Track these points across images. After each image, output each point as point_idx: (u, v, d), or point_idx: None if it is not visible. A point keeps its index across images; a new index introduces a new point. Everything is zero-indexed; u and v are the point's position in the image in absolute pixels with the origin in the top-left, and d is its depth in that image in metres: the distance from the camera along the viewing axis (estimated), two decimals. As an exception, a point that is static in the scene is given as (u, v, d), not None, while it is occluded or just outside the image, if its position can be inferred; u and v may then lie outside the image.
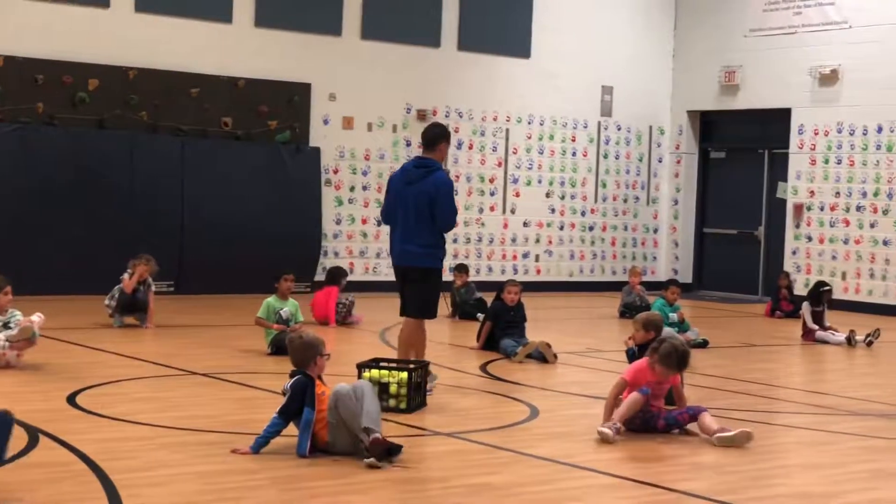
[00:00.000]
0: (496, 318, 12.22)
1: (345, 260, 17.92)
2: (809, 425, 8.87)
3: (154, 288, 13.16)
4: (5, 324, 9.91)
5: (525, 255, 20.18)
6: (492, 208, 19.79)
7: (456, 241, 18.89)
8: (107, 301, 12.90)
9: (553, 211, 20.47)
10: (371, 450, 6.76)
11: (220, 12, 17.21)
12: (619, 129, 21.16)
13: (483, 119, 19.66)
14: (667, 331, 11.46)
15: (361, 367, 8.58)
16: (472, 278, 16.45)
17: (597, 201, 20.97)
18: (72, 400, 8.51)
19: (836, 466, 7.49)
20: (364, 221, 18.49)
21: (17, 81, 15.69)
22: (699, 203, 21.69)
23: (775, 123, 20.01)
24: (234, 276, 16.45)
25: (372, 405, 6.96)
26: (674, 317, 13.56)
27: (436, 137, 9.44)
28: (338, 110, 18.24)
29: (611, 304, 17.21)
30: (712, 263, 21.56)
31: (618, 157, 21.22)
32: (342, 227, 18.36)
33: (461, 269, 15.68)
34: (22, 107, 15.74)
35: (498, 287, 12.92)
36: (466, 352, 12.12)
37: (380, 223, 18.34)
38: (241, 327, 12.99)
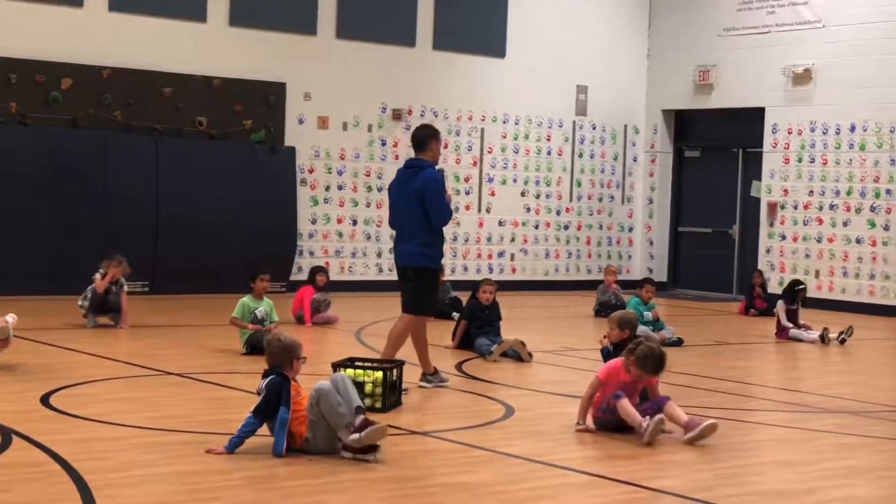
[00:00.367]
0: (471, 317, 12.26)
1: (320, 259, 17.89)
2: (783, 423, 8.91)
3: (127, 288, 13.13)
4: (-22, 325, 9.86)
5: (500, 254, 20.20)
6: (467, 207, 19.79)
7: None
8: (80, 301, 12.86)
9: (528, 210, 20.48)
10: (360, 428, 6.86)
11: (195, 11, 17.14)
12: (594, 128, 21.20)
13: (458, 118, 19.66)
14: (642, 329, 11.54)
15: (337, 366, 8.59)
16: (448, 277, 16.45)
17: (572, 200, 21.00)
18: (45, 400, 8.47)
19: (809, 464, 7.53)
20: (340, 221, 18.45)
21: (-11, 81, 15.63)
22: (674, 202, 21.75)
23: (749, 122, 20.09)
24: (210, 275, 16.41)
25: (353, 391, 7.20)
26: (648, 315, 13.62)
27: (424, 138, 9.59)
28: (313, 110, 18.21)
29: (586, 303, 17.24)
30: (687, 262, 21.63)
31: (593, 156, 21.26)
32: (318, 227, 18.32)
33: (436, 267, 15.67)
34: (-5, 106, 15.69)
35: (473, 286, 12.95)
36: (442, 351, 12.11)
37: (355, 222, 18.43)
38: (215, 327, 12.95)
